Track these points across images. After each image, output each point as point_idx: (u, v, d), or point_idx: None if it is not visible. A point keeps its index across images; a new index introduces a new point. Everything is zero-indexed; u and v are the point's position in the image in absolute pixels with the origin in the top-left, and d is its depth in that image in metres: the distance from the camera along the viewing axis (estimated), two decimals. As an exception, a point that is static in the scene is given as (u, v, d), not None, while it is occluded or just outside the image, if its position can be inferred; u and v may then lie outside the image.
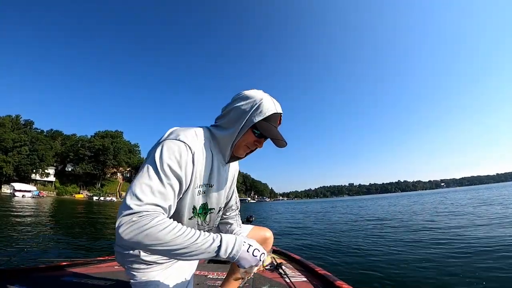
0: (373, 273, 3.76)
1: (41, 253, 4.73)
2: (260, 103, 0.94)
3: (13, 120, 68.11)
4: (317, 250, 5.69)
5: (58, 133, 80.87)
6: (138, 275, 0.99)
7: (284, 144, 0.96)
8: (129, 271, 1.01)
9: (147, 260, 0.98)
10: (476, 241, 5.30)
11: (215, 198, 1.03)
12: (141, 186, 0.75)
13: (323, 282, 1.86)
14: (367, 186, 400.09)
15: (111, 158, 72.46)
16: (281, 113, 1.00)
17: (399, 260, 4.33)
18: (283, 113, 1.01)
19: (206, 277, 2.05)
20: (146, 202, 0.73)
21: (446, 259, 4.19)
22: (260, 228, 1.37)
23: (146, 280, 1.00)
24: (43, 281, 1.77)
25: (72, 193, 67.12)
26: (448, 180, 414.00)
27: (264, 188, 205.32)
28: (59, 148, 73.00)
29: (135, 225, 0.68)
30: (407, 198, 42.41)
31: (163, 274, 1.03)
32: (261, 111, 0.93)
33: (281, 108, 1.00)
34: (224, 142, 0.99)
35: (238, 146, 0.99)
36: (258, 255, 0.82)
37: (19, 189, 45.77)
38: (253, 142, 0.99)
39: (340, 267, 4.21)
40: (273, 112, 0.95)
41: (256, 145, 1.00)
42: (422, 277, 3.48)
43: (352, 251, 5.29)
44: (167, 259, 1.04)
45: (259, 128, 0.94)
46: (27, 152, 60.36)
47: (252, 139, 0.97)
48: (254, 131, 0.95)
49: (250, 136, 0.97)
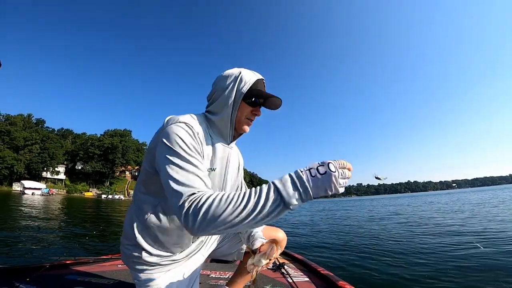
0: (376, 274, 3.69)
1: (46, 251, 4.73)
2: (240, 75, 0.98)
3: (25, 119, 69.45)
4: (318, 250, 5.59)
5: (69, 132, 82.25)
6: (142, 276, 1.00)
7: (279, 101, 0.99)
8: (133, 271, 1.02)
9: (149, 261, 0.99)
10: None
11: (218, 182, 1.03)
12: (177, 173, 0.76)
13: (326, 282, 1.88)
14: (375, 186, 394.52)
15: (120, 157, 72.95)
16: (263, 78, 1.04)
17: (407, 262, 4.19)
18: (264, 79, 1.05)
19: (208, 276, 2.05)
20: (191, 186, 0.73)
21: (462, 268, 3.79)
22: (271, 228, 1.22)
23: (149, 281, 1.00)
24: (47, 279, 1.80)
25: (82, 191, 68.06)
26: (460, 181, 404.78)
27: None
28: (70, 147, 74.12)
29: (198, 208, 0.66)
30: (416, 198, 42.42)
31: (166, 276, 1.03)
32: (245, 81, 0.97)
33: (259, 74, 1.03)
34: (221, 124, 1.00)
35: (239, 122, 1.01)
36: (323, 171, 0.64)
37: (29, 187, 46.51)
38: (251, 112, 1.01)
39: (342, 268, 4.15)
40: (256, 79, 0.99)
41: (255, 114, 1.02)
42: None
43: (356, 252, 5.16)
44: (169, 261, 1.04)
45: (251, 96, 0.97)
46: (38, 151, 61.41)
47: (248, 109, 1.00)
48: (247, 101, 0.98)
49: (245, 107, 0.99)
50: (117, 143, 72.61)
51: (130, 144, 77.00)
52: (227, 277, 2.10)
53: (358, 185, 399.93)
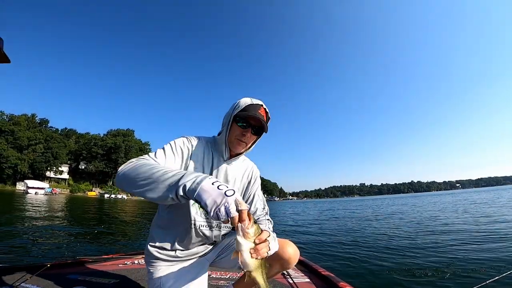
0: (377, 274, 3.68)
1: (47, 251, 4.73)
2: (238, 102, 1.16)
3: (29, 118, 69.71)
4: (320, 250, 5.61)
5: (72, 132, 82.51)
6: (151, 269, 1.19)
7: (257, 119, 1.11)
8: (146, 265, 1.23)
9: (152, 253, 1.18)
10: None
11: None
12: (153, 152, 1.07)
13: (327, 283, 1.89)
14: (378, 186, 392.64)
15: (123, 156, 72.98)
16: (261, 104, 1.16)
17: (407, 262, 4.19)
18: (265, 105, 1.17)
19: (209, 276, 2.01)
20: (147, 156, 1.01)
21: (467, 267, 3.77)
22: (281, 240, 1.15)
23: (153, 274, 1.17)
24: (49, 278, 1.82)
25: (85, 190, 68.22)
26: (464, 181, 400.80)
27: (273, 187, 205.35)
28: (73, 146, 74.32)
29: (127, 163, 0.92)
30: (415, 199, 42.05)
31: (169, 270, 1.18)
32: (238, 106, 1.14)
33: (259, 101, 1.17)
34: (220, 142, 1.20)
35: (231, 141, 1.17)
36: (224, 190, 0.71)
37: (32, 186, 46.55)
38: (241, 133, 1.15)
39: (344, 269, 4.15)
40: (248, 104, 1.14)
41: (243, 135, 1.15)
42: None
43: (357, 252, 5.16)
44: (170, 257, 1.19)
45: (238, 117, 1.13)
46: (41, 150, 61.72)
47: (238, 130, 1.14)
48: (237, 123, 1.14)
49: (235, 128, 1.15)
50: (120, 143, 72.81)
51: (133, 143, 77.15)
52: (228, 277, 2.09)
53: (361, 185, 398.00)
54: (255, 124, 1.14)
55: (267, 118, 1.18)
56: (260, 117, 1.11)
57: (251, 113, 1.10)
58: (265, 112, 1.16)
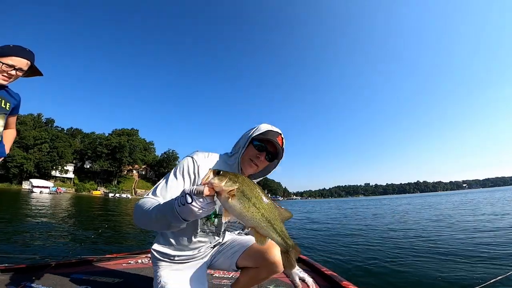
0: (381, 275, 3.66)
1: (51, 250, 4.77)
2: (259, 126, 1.22)
3: (35, 118, 70.63)
4: (322, 251, 5.57)
5: (78, 131, 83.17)
6: (155, 269, 1.24)
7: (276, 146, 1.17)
8: (152, 265, 1.28)
9: (155, 254, 1.23)
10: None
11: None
12: (160, 184, 1.10)
13: (330, 282, 1.90)
14: (383, 186, 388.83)
15: (127, 156, 73.52)
16: (280, 133, 1.22)
17: (408, 262, 4.17)
18: (282, 135, 1.24)
19: (212, 275, 2.07)
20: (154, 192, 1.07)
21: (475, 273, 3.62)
22: (269, 242, 1.07)
23: (158, 274, 1.20)
24: (53, 278, 1.85)
25: (90, 189, 68.86)
26: (471, 181, 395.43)
27: (277, 187, 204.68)
28: (78, 146, 75.02)
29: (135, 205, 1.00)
30: (415, 199, 41.78)
31: (172, 271, 1.21)
32: (258, 129, 1.20)
33: (279, 130, 1.23)
34: (232, 161, 1.23)
35: (243, 160, 1.21)
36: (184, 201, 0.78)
37: (37, 185, 46.94)
38: (255, 155, 1.19)
39: (347, 268, 4.14)
40: (268, 129, 1.20)
41: (257, 157, 1.19)
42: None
43: (359, 252, 5.14)
44: (175, 258, 1.22)
45: (255, 139, 1.19)
46: (47, 150, 62.33)
47: (253, 152, 1.19)
48: (253, 144, 1.19)
49: (251, 149, 1.19)
50: (124, 142, 73.14)
51: (137, 143, 77.54)
52: (231, 276, 2.10)
53: (365, 185, 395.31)
54: (270, 150, 1.19)
55: (282, 148, 1.23)
56: (277, 144, 1.16)
57: (269, 138, 1.16)
58: (282, 141, 1.22)
